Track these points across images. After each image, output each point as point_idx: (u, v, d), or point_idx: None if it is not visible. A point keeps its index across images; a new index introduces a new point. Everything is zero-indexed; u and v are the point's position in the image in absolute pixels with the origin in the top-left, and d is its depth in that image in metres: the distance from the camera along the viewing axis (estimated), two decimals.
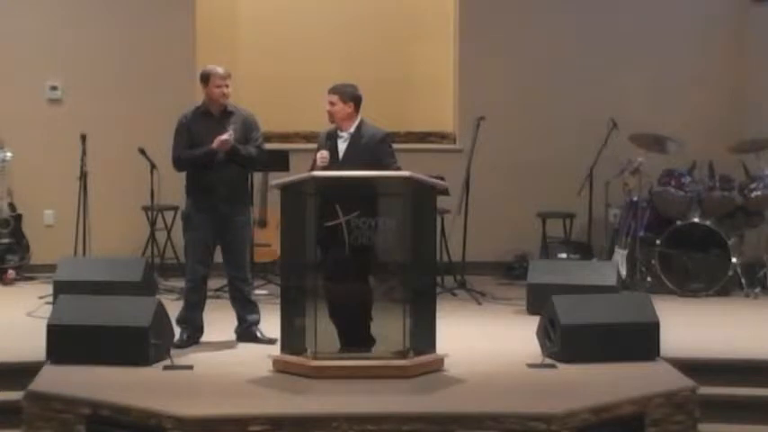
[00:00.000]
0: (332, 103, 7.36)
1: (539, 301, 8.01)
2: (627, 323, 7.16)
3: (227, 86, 7.61)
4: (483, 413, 6.01)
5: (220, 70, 7.62)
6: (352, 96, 7.37)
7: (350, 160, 7.26)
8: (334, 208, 6.74)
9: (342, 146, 7.36)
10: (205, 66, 7.82)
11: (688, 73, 10.76)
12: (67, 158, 9.88)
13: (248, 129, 7.68)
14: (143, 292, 8.19)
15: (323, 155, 7.28)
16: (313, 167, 7.21)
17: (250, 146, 7.64)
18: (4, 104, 10.34)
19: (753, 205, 9.89)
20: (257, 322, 7.71)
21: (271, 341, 7.43)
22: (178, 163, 7.68)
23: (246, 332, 7.68)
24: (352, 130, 7.38)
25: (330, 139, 7.40)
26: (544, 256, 10.23)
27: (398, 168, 7.23)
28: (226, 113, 7.64)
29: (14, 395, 6.54)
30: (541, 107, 10.72)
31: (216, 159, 7.50)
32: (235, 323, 7.79)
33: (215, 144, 7.46)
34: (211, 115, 7.64)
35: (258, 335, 7.64)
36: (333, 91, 7.39)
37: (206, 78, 7.64)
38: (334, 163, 7.26)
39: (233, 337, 7.72)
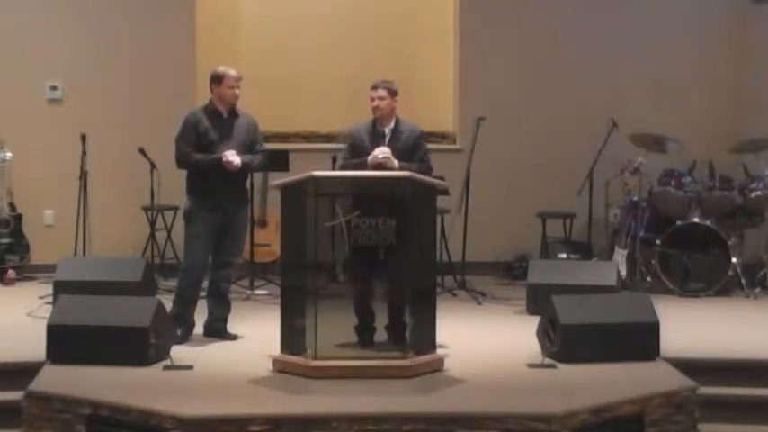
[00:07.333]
0: (381, 98, 7.47)
1: (539, 301, 8.01)
2: (627, 323, 7.16)
3: (238, 88, 7.71)
4: (483, 413, 6.01)
5: (234, 73, 7.71)
6: (396, 92, 7.53)
7: (392, 155, 7.38)
8: (334, 208, 6.75)
9: (385, 140, 7.44)
10: (216, 67, 7.84)
11: (688, 73, 10.76)
12: (67, 158, 9.88)
13: (253, 134, 7.83)
14: (143, 292, 8.20)
15: (384, 151, 7.34)
16: (336, 166, 7.25)
17: (256, 154, 7.79)
18: (4, 104, 10.33)
19: (753, 205, 9.89)
20: (225, 319, 7.82)
21: (234, 337, 7.69)
22: (184, 162, 7.72)
23: (213, 328, 7.76)
24: (392, 125, 7.48)
25: (372, 135, 7.47)
26: (544, 256, 10.22)
27: (430, 167, 7.41)
28: (233, 114, 7.76)
29: (14, 395, 6.54)
30: (541, 107, 10.72)
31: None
32: (235, 323, 7.87)
33: (224, 159, 7.55)
34: (220, 115, 7.73)
35: (223, 331, 7.75)
36: (379, 86, 7.50)
37: (219, 79, 7.71)
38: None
39: (235, 336, 7.79)
